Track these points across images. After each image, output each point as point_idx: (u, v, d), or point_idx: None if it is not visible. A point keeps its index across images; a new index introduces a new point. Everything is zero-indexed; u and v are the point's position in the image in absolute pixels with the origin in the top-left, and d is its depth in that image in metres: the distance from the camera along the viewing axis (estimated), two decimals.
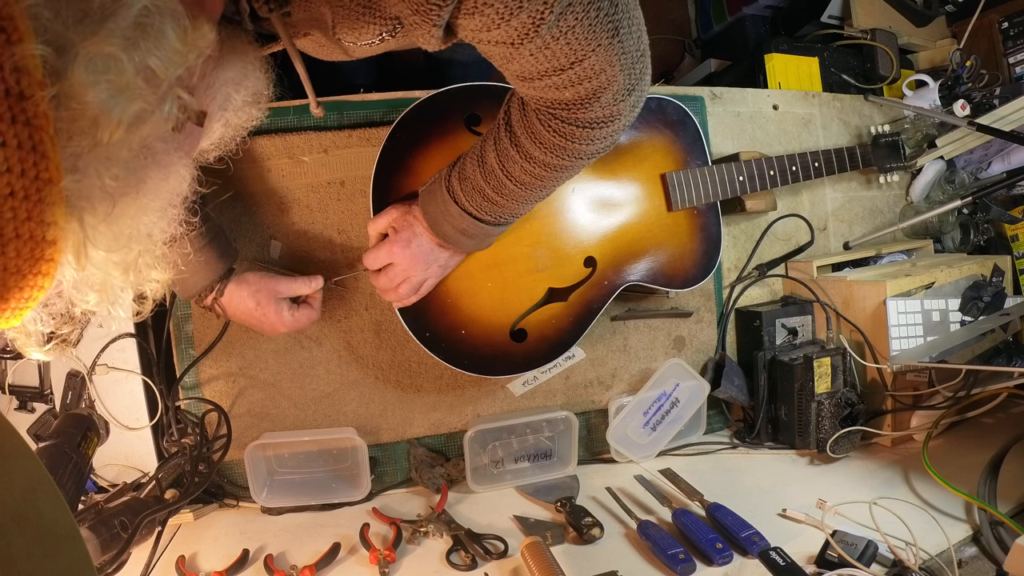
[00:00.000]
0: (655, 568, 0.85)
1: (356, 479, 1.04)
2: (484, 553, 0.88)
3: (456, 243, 0.86)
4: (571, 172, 0.77)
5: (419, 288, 0.91)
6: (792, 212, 1.28)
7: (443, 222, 0.83)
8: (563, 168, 0.74)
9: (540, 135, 0.70)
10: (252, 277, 0.90)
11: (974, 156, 1.41)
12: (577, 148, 0.70)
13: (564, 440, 1.10)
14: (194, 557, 0.91)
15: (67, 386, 1.03)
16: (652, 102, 1.08)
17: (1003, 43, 1.51)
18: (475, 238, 0.85)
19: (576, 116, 0.67)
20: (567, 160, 0.73)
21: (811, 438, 1.10)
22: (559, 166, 0.74)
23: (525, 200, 0.80)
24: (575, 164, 0.74)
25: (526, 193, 0.78)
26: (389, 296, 0.91)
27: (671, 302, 1.20)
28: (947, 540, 0.85)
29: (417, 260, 0.88)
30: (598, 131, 0.68)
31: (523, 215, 0.85)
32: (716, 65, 1.83)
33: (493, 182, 0.77)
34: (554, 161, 0.72)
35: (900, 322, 1.13)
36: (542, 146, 0.71)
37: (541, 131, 0.70)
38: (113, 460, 1.03)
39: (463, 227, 0.83)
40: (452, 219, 0.82)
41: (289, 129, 1.07)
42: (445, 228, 0.84)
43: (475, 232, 0.83)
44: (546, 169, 0.74)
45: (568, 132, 0.68)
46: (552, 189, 0.80)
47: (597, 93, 0.63)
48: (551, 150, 0.71)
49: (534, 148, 0.72)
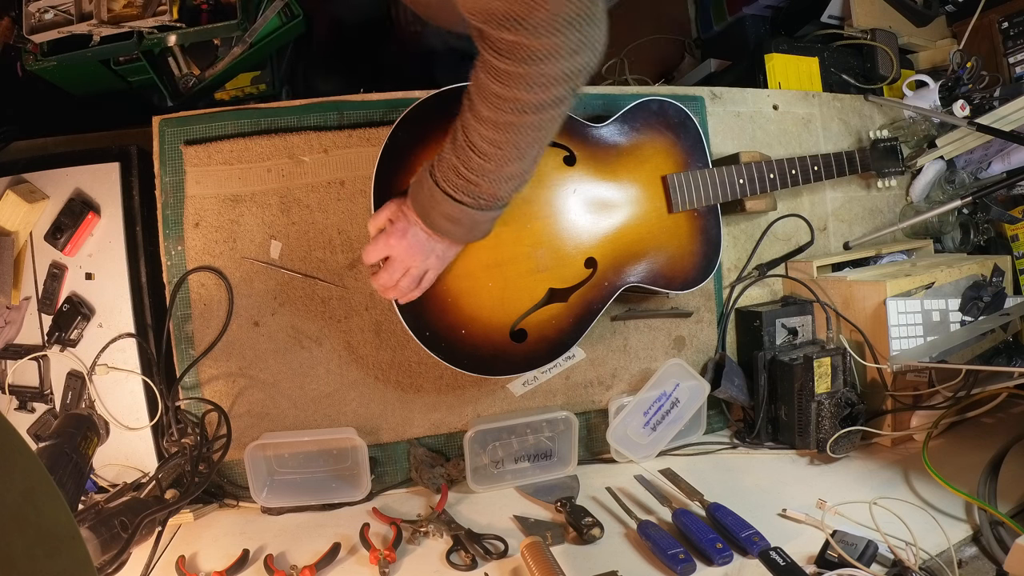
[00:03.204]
0: (655, 568, 0.85)
1: (356, 479, 1.04)
2: (484, 553, 0.88)
3: (445, 232, 0.85)
4: (526, 138, 0.75)
5: (420, 281, 0.90)
6: (792, 212, 1.29)
7: (431, 209, 0.83)
8: (514, 128, 0.73)
9: (484, 88, 0.70)
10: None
11: (974, 156, 1.41)
12: (517, 96, 0.69)
13: (564, 440, 1.10)
14: (194, 557, 0.91)
15: (67, 386, 1.03)
16: (653, 104, 1.08)
17: (1003, 43, 1.51)
18: (462, 225, 0.83)
19: (508, 43, 0.66)
20: (513, 114, 0.71)
21: (811, 438, 1.10)
22: (508, 124, 0.72)
23: (494, 176, 0.78)
24: (523, 121, 0.72)
25: (491, 166, 0.76)
26: (391, 293, 0.90)
27: (671, 302, 1.20)
28: (947, 540, 0.85)
29: (414, 250, 0.87)
30: (533, 67, 0.67)
31: (504, 198, 0.82)
32: (716, 65, 1.83)
33: (463, 157, 0.77)
34: (502, 117, 0.72)
35: (900, 322, 1.13)
36: (487, 101, 0.71)
37: (485, 82, 0.70)
38: (113, 460, 1.03)
39: (447, 212, 0.82)
40: (437, 205, 0.81)
41: (289, 129, 1.07)
42: (433, 216, 0.83)
43: (460, 217, 0.82)
44: (497, 131, 0.73)
45: (504, 73, 0.68)
46: (517, 163, 0.77)
47: (531, 9, 0.63)
48: (494, 102, 0.71)
49: (483, 106, 0.72)
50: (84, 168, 1.05)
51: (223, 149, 1.05)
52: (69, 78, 1.28)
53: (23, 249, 1.04)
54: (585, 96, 1.18)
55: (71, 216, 1.02)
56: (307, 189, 1.06)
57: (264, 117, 1.07)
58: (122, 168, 1.05)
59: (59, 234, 1.02)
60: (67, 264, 1.04)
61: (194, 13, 1.20)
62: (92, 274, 1.04)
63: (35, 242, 1.04)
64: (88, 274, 1.04)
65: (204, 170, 1.05)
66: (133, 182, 1.06)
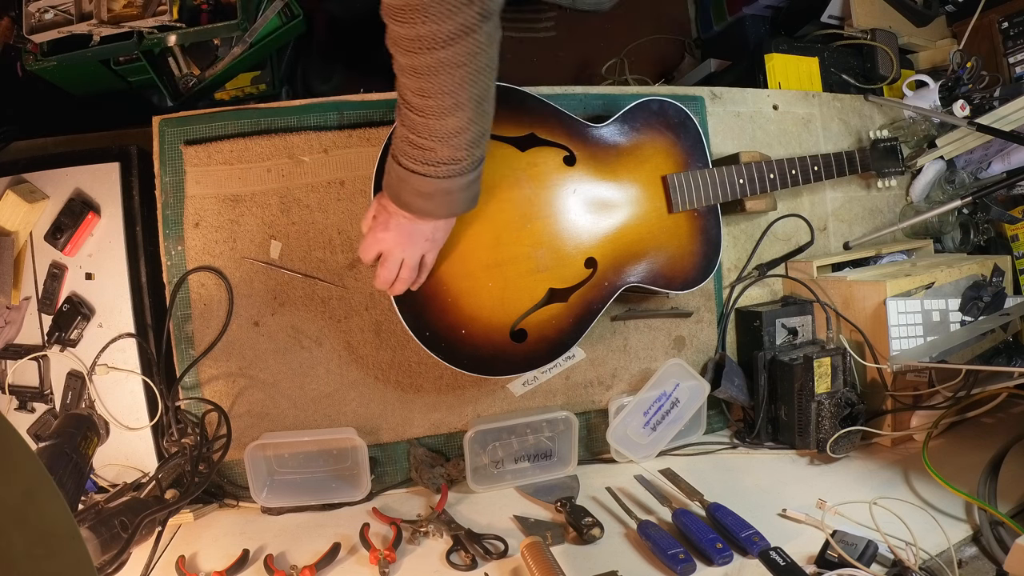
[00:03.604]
0: (655, 568, 0.85)
1: (356, 479, 1.04)
2: (484, 553, 0.88)
3: (421, 210, 0.83)
4: (451, 78, 0.71)
5: (420, 267, 0.90)
6: (792, 212, 1.29)
7: (401, 191, 0.82)
8: (433, 70, 0.70)
9: (394, 35, 0.68)
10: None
11: (974, 156, 1.41)
12: (421, 33, 0.66)
13: (564, 440, 1.10)
14: (194, 557, 0.91)
15: (67, 386, 1.03)
16: (653, 104, 1.08)
17: (1003, 43, 1.51)
18: (434, 199, 0.82)
19: None
20: (426, 53, 0.68)
21: (811, 438, 1.10)
22: (426, 67, 0.69)
23: (440, 133, 0.75)
24: (439, 58, 0.69)
25: (431, 121, 0.74)
26: (397, 287, 0.89)
27: (671, 302, 1.20)
28: (947, 540, 0.85)
29: (402, 239, 0.86)
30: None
31: (463, 159, 0.78)
32: (716, 65, 1.83)
33: (407, 122, 0.76)
34: (418, 60, 0.69)
35: (900, 322, 1.13)
36: (400, 47, 0.69)
37: (393, 29, 0.68)
38: (113, 460, 1.03)
39: (416, 188, 0.80)
40: (405, 184, 0.80)
41: (289, 129, 1.07)
42: (405, 196, 0.82)
43: (430, 191, 0.80)
44: (420, 78, 0.70)
45: (404, 9, 0.65)
46: (456, 113, 0.74)
47: None
48: (405, 46, 0.69)
49: (400, 55, 0.70)
50: (84, 168, 1.05)
51: (223, 149, 1.05)
52: (69, 78, 1.28)
53: (23, 249, 1.04)
54: (585, 96, 1.18)
55: (71, 216, 1.02)
56: (307, 189, 1.06)
57: (264, 117, 1.07)
58: (122, 168, 1.05)
59: (59, 234, 1.02)
60: (67, 264, 1.04)
61: (194, 13, 1.20)
62: (92, 274, 1.04)
63: (35, 242, 1.04)
64: (88, 274, 1.04)
65: (204, 170, 1.05)
66: (133, 182, 1.06)
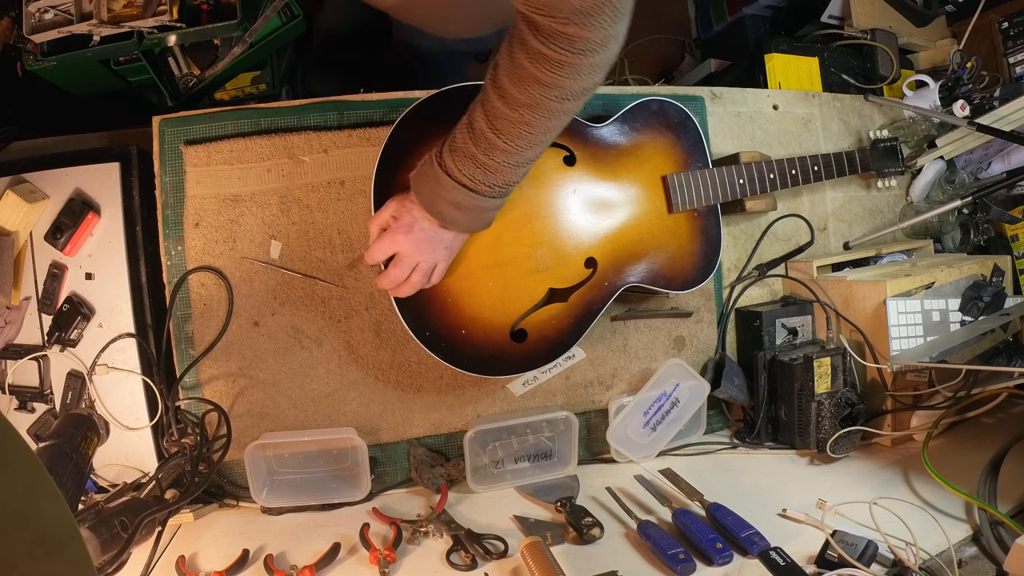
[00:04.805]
0: (655, 568, 0.85)
1: (356, 479, 1.04)
2: (484, 553, 0.88)
3: (453, 220, 0.84)
4: (559, 121, 0.76)
5: (431, 274, 0.89)
6: (792, 212, 1.28)
7: (437, 199, 0.82)
8: (553, 115, 0.74)
9: (526, 77, 0.70)
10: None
11: (974, 156, 1.41)
12: (564, 84, 0.70)
13: (564, 440, 1.10)
14: (194, 557, 0.91)
15: (67, 386, 1.03)
16: (654, 104, 1.08)
17: (1003, 43, 1.51)
18: (471, 212, 0.83)
19: (567, 34, 0.66)
20: (557, 102, 0.72)
21: (811, 438, 1.10)
22: (549, 111, 0.73)
23: (514, 162, 0.78)
24: (564, 108, 0.73)
25: (516, 151, 0.77)
26: (403, 290, 0.89)
27: (671, 302, 1.20)
28: (947, 540, 0.85)
29: (422, 244, 0.86)
30: (588, 58, 0.68)
31: (512, 185, 0.82)
32: (716, 65, 1.83)
33: (483, 145, 0.77)
34: (544, 104, 0.72)
35: (900, 322, 1.13)
36: (528, 89, 0.71)
37: (528, 71, 0.69)
38: (113, 460, 1.03)
39: (456, 200, 0.81)
40: (445, 192, 0.81)
41: (289, 129, 1.07)
42: (439, 205, 0.82)
43: (469, 205, 0.81)
44: (536, 116, 0.73)
45: (555, 63, 0.68)
46: (541, 147, 0.79)
47: (599, 4, 0.63)
48: (537, 90, 0.71)
49: (522, 94, 0.71)
50: (84, 168, 1.05)
51: (223, 149, 1.05)
52: (69, 78, 1.28)
53: (23, 249, 1.04)
54: None
55: (71, 216, 1.02)
56: (307, 189, 1.06)
57: (264, 117, 1.07)
58: (122, 168, 1.05)
59: (59, 234, 1.02)
60: (67, 264, 1.04)
61: (194, 13, 1.20)
62: (92, 274, 1.04)
63: (35, 242, 1.04)
64: (88, 274, 1.04)
65: (204, 170, 1.05)
66: (133, 182, 1.06)
